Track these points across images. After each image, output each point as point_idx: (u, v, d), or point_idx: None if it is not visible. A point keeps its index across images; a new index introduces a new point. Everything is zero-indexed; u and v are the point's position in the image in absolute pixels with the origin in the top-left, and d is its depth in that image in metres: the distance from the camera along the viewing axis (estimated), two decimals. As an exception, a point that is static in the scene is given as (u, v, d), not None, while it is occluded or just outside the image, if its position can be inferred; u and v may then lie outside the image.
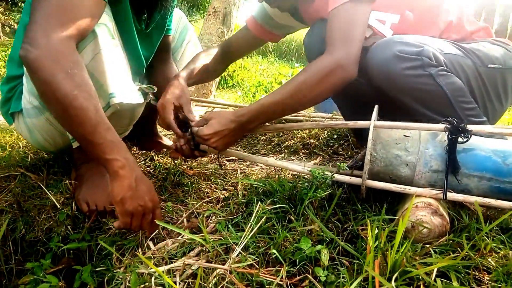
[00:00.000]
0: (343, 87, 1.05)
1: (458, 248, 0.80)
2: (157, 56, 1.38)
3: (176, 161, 1.39)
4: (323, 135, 1.75)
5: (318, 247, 0.80)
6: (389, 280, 0.65)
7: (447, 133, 0.90)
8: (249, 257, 0.81)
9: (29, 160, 1.37)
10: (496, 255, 0.77)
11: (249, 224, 0.91)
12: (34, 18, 0.85)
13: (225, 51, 1.47)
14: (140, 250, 0.95)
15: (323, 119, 1.88)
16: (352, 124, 1.00)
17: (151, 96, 1.35)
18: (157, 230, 0.99)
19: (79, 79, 0.86)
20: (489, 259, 0.75)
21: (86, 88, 0.88)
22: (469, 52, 1.13)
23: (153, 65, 1.39)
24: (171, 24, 1.40)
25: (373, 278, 0.65)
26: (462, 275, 0.72)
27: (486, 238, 0.80)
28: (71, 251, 1.08)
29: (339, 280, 0.72)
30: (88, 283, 0.92)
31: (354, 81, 1.25)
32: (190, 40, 1.58)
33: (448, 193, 0.90)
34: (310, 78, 1.03)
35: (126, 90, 1.06)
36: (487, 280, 0.71)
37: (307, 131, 1.75)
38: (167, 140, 1.72)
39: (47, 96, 0.86)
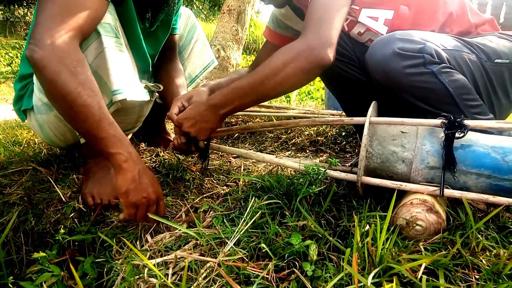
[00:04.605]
0: (320, 73, 1.01)
1: (451, 246, 0.78)
2: (163, 54, 1.41)
3: (180, 157, 1.41)
4: (331, 132, 1.74)
5: (307, 242, 0.81)
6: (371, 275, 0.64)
7: (443, 128, 0.88)
8: (240, 251, 0.82)
9: (42, 155, 1.43)
10: (488, 253, 0.75)
11: (243, 219, 0.92)
12: (38, 20, 0.89)
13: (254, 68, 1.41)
14: (138, 242, 0.98)
15: (333, 116, 1.87)
16: (348, 120, 0.99)
17: (157, 94, 1.38)
18: (155, 224, 1.02)
19: (82, 77, 0.90)
20: (481, 258, 0.73)
21: (89, 85, 0.91)
22: (474, 47, 1.09)
23: (159, 63, 1.42)
24: (177, 23, 1.42)
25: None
26: (452, 273, 0.71)
27: (479, 236, 0.78)
28: (77, 243, 1.12)
29: (325, 275, 0.73)
30: (88, 274, 0.95)
31: (354, 78, 1.24)
32: (198, 38, 1.60)
33: (445, 190, 0.88)
34: (276, 62, 1.00)
35: (130, 88, 1.08)
36: (475, 278, 0.69)
37: (315, 128, 1.74)
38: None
39: (52, 94, 0.90)
